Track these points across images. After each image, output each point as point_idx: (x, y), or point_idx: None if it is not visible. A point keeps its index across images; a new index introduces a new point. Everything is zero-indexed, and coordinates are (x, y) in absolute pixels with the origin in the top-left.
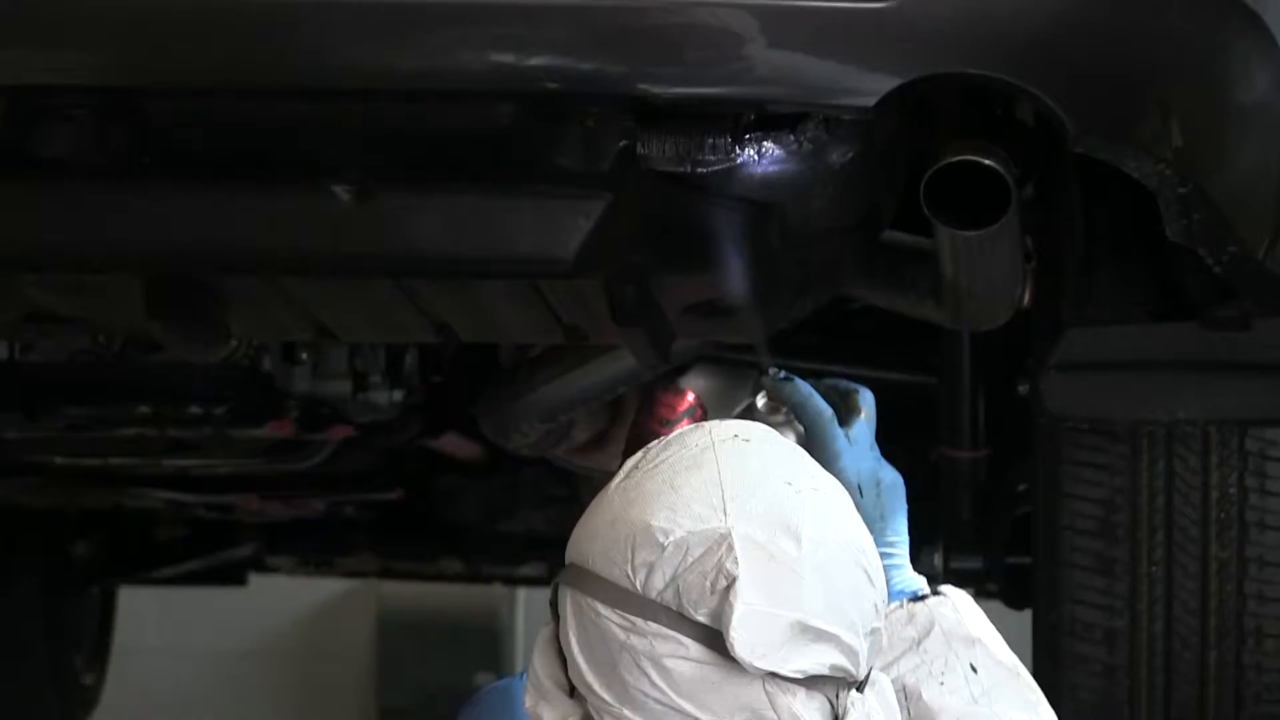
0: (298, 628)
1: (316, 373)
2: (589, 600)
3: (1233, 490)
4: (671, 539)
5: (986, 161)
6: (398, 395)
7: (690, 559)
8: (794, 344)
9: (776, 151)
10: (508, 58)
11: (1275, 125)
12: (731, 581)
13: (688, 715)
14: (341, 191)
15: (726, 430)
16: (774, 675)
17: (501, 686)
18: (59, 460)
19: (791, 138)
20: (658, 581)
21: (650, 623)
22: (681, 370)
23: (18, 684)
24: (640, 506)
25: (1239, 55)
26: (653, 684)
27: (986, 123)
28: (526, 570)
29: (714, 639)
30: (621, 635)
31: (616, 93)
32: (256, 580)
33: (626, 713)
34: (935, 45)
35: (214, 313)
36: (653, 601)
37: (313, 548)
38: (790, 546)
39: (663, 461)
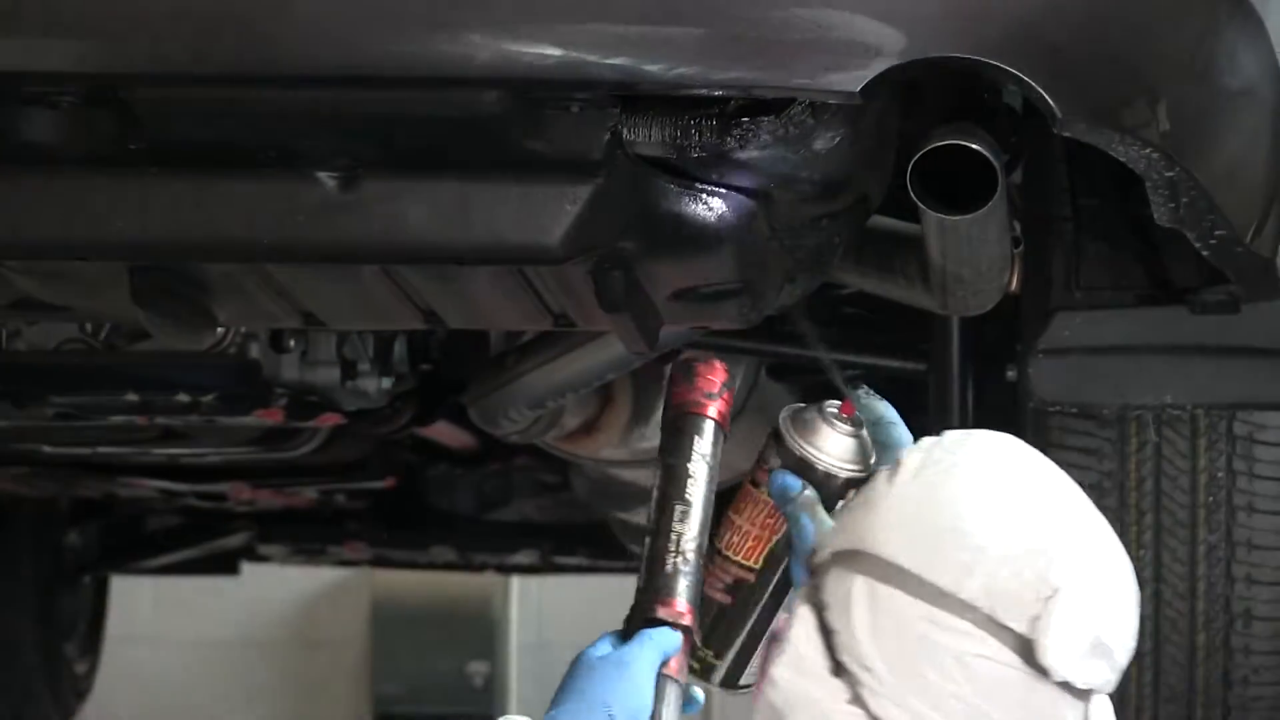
0: (291, 617)
1: (305, 360)
2: (890, 590)
3: (1221, 474)
4: (991, 545)
5: (972, 145)
6: (386, 383)
7: (1010, 567)
8: (783, 331)
9: (763, 137)
10: (493, 44)
11: (1262, 108)
12: (1054, 593)
13: (977, 710)
14: (327, 179)
15: (1011, 441)
16: (1066, 685)
17: None
18: (48, 449)
19: (778, 123)
20: (973, 584)
21: (959, 620)
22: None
23: (10, 673)
24: (952, 508)
25: (1226, 39)
26: (950, 678)
27: (974, 107)
28: (519, 558)
29: (1022, 644)
30: (925, 629)
31: (602, 79)
32: (250, 569)
33: (912, 700)
34: (920, 30)
35: (200, 300)
36: (964, 601)
37: (305, 537)
38: (1103, 566)
39: (960, 464)
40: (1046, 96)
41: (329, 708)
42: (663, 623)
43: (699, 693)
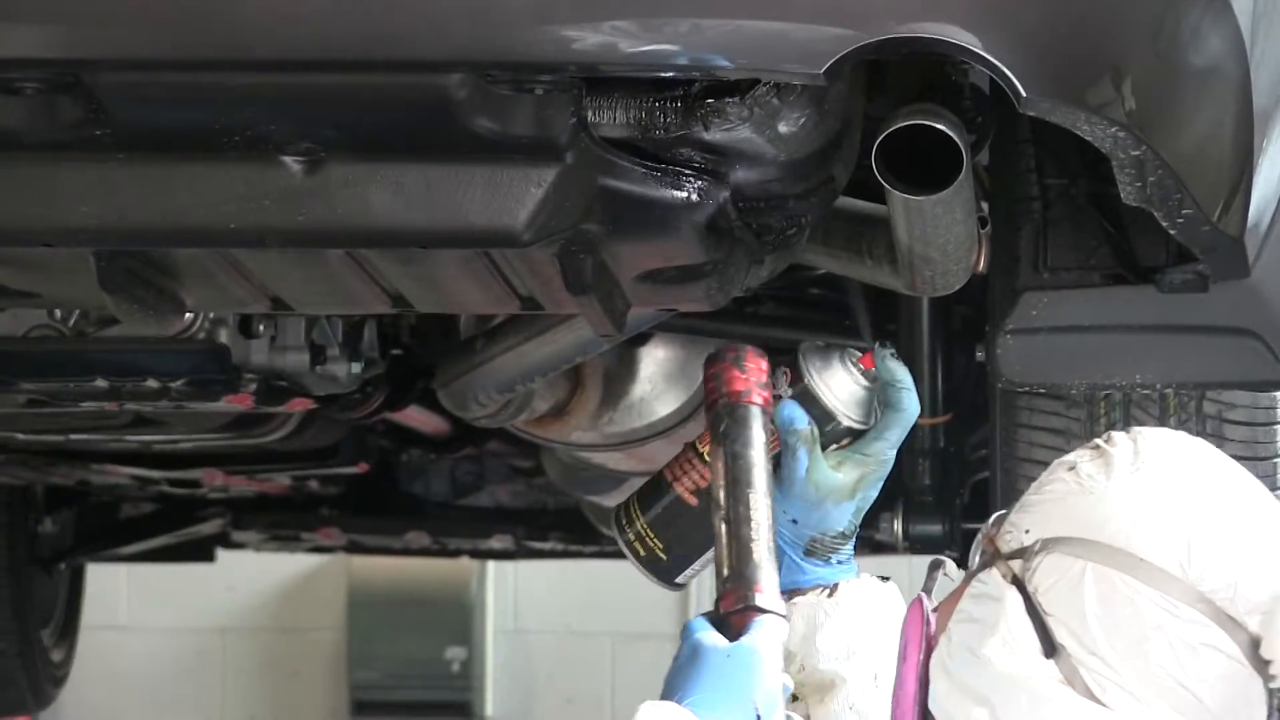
0: (268, 604)
1: (274, 346)
2: (1127, 578)
3: None
4: (1228, 541)
5: (937, 125)
6: (356, 368)
7: (1247, 563)
8: (751, 312)
9: (728, 119)
10: (456, 27)
11: (1228, 86)
12: None
13: (1195, 698)
14: (291, 163)
15: (1204, 443)
16: (1273, 684)
17: None
18: (20, 437)
19: (742, 105)
20: (1214, 579)
21: (1195, 611)
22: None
23: None
24: (1187, 502)
25: (1191, 15)
26: (1181, 666)
27: (939, 87)
28: (493, 544)
29: (1249, 640)
30: (1160, 617)
31: (565, 61)
32: (226, 557)
33: (1138, 685)
34: (883, 10)
35: (167, 286)
36: (1202, 594)
37: (279, 523)
38: None
39: (1179, 460)
40: (1010, 75)
41: (306, 694)
42: (763, 610)
43: (790, 682)
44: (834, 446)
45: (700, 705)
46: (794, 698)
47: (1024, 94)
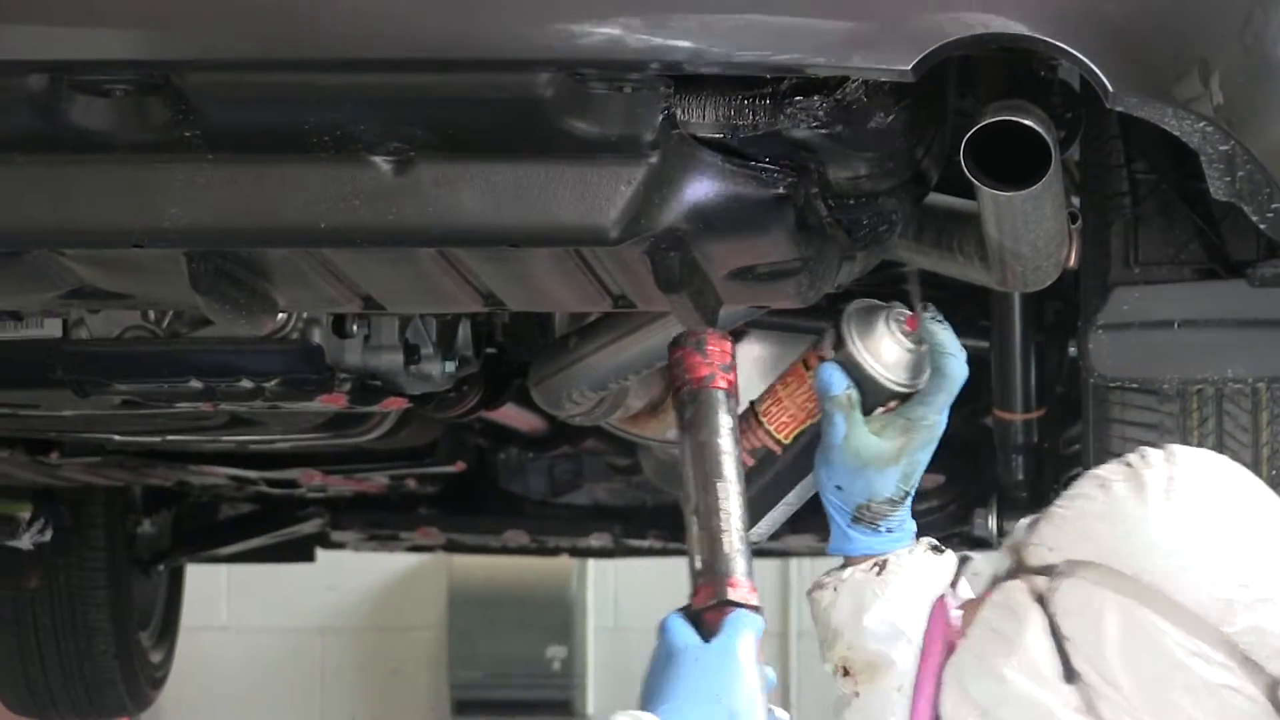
0: (368, 603)
1: (367, 345)
2: (1150, 614)
3: None
4: (1255, 583)
5: (1025, 121)
6: (450, 367)
7: (1272, 607)
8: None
9: (816, 116)
10: (546, 26)
11: None
12: None
13: None
14: (381, 163)
15: (1240, 468)
16: None
17: None
18: (117, 438)
19: (831, 102)
20: (1238, 622)
21: (1217, 653)
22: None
23: (85, 663)
24: (1215, 540)
25: (1277, 9)
26: (1201, 706)
27: (1028, 83)
28: (592, 541)
29: (1269, 684)
30: (1182, 656)
31: (655, 60)
32: (326, 557)
33: (1148, 718)
34: (972, 7)
35: (259, 286)
36: (1225, 636)
37: (377, 523)
38: None
39: (1211, 491)
40: (1098, 72)
41: (407, 694)
42: (737, 605)
43: (773, 674)
44: (880, 410)
45: (676, 714)
46: (845, 672)
47: (1111, 90)
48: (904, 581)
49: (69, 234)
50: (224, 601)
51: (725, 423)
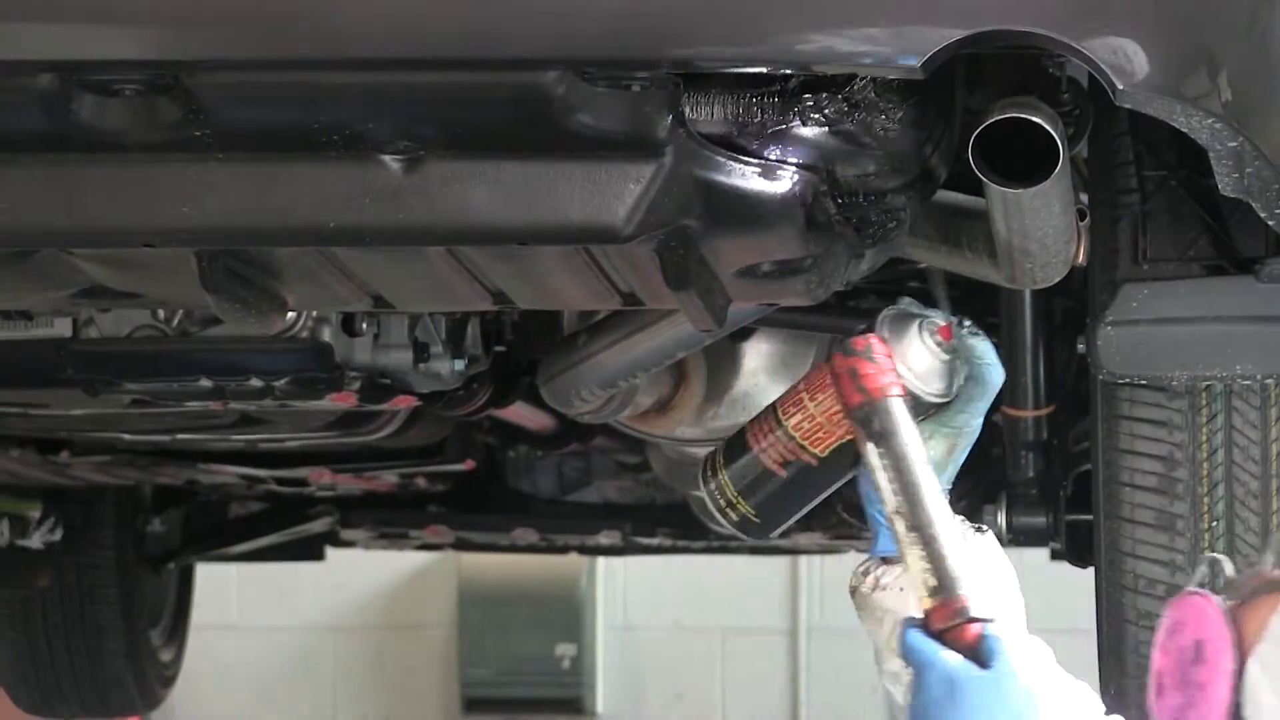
0: (378, 602)
1: (377, 344)
2: None
3: None
4: None
5: (1033, 118)
6: (460, 365)
7: None
8: (852, 306)
9: (825, 114)
10: (553, 24)
11: None
12: None
13: None
14: (391, 162)
15: None
16: None
17: None
18: (127, 437)
19: (840, 100)
20: None
21: None
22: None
23: (95, 661)
24: None
25: None
26: None
27: (1036, 80)
28: (601, 539)
29: None
30: None
31: (663, 58)
32: (336, 555)
33: None
34: (981, 5)
35: (269, 285)
36: None
37: (387, 521)
38: None
39: None
40: (1106, 69)
41: (417, 692)
42: (984, 620)
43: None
44: (920, 419)
45: None
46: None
47: (1120, 86)
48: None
49: (79, 233)
50: (234, 600)
51: (914, 431)
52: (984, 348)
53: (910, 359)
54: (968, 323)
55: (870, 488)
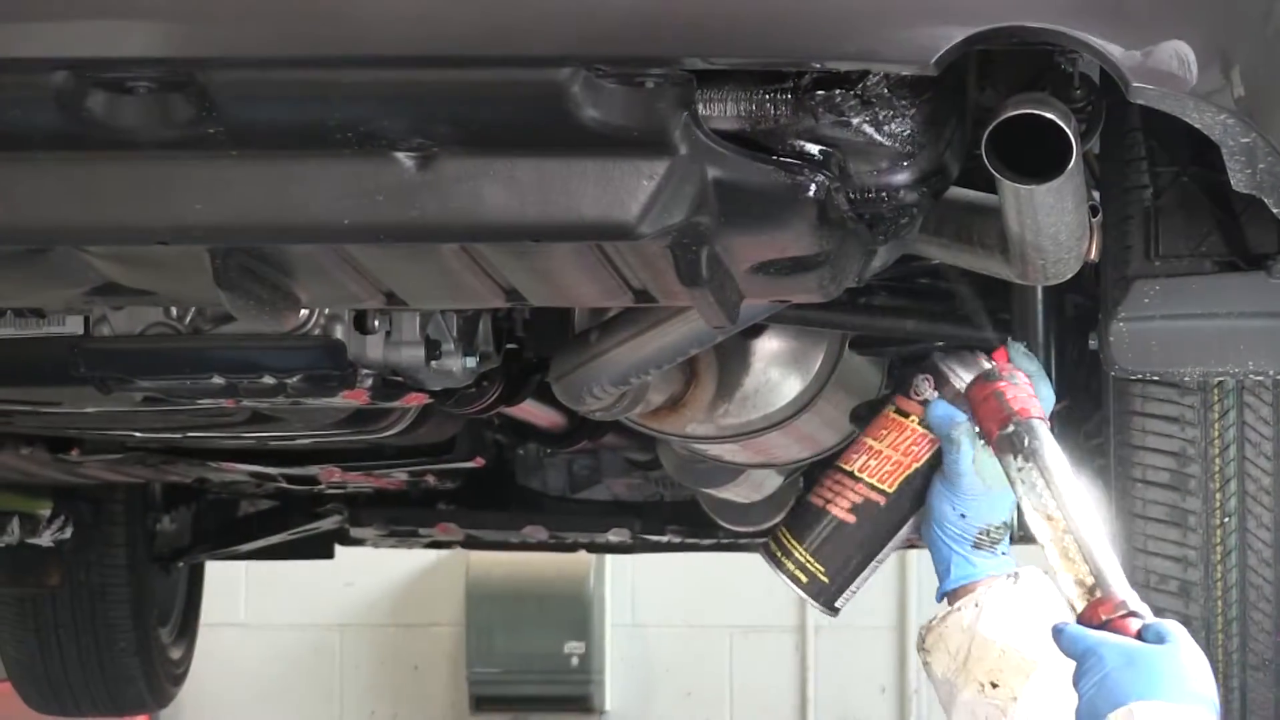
0: (387, 600)
1: (389, 341)
2: None
3: None
4: None
5: (1046, 114)
6: (471, 362)
7: None
8: (864, 303)
9: (838, 110)
10: (566, 21)
11: None
12: None
13: None
14: (404, 159)
15: None
16: None
17: None
18: (138, 435)
19: (853, 96)
20: None
21: None
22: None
23: (105, 659)
24: None
25: None
26: None
27: (1049, 76)
28: (610, 537)
29: None
30: None
31: (676, 55)
32: (344, 553)
33: None
34: (991, 1)
35: (282, 282)
36: None
37: (396, 519)
38: None
39: None
40: (1119, 64)
41: (426, 689)
42: (1139, 615)
43: None
44: (981, 443)
45: (1180, 700)
46: (993, 685)
47: (1132, 82)
48: (1041, 587)
49: (93, 231)
50: (243, 598)
51: (1055, 443)
52: (1037, 366)
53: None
54: (1020, 345)
55: (939, 521)
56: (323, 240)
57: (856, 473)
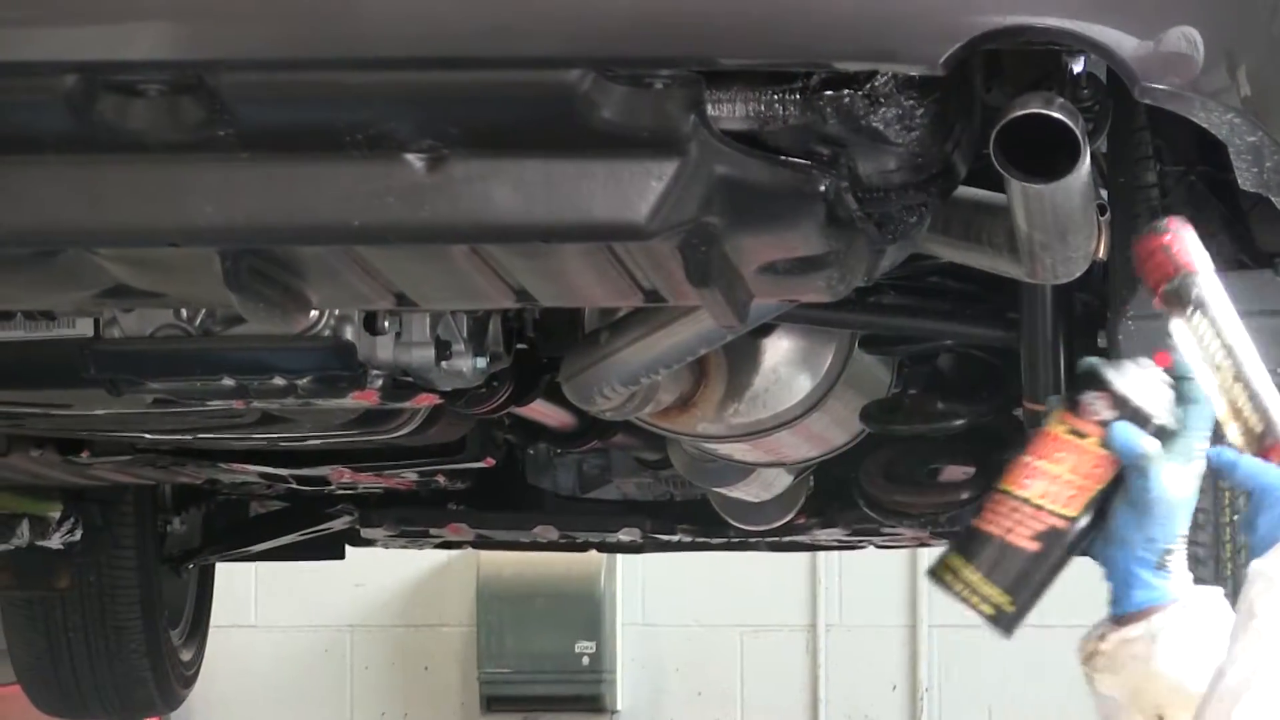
0: (397, 600)
1: (399, 342)
2: None
3: None
4: None
5: (1054, 114)
6: (481, 363)
7: None
8: (873, 302)
9: (846, 111)
10: (576, 22)
11: None
12: None
13: None
14: (414, 160)
15: None
16: None
17: None
18: (148, 436)
19: (862, 97)
20: None
21: None
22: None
23: (115, 661)
24: None
25: None
26: None
27: (1056, 75)
28: (621, 536)
29: None
30: None
31: (686, 55)
32: (355, 554)
33: None
34: (998, 1)
35: (292, 284)
36: None
37: (407, 519)
38: None
39: None
40: (1126, 63)
41: (437, 690)
42: None
43: None
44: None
45: None
46: (1159, 718)
47: (1140, 81)
48: (1212, 614)
49: (104, 233)
50: (253, 600)
51: (1225, 298)
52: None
53: (1152, 397)
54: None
55: (1123, 545)
56: (333, 242)
57: (1038, 501)
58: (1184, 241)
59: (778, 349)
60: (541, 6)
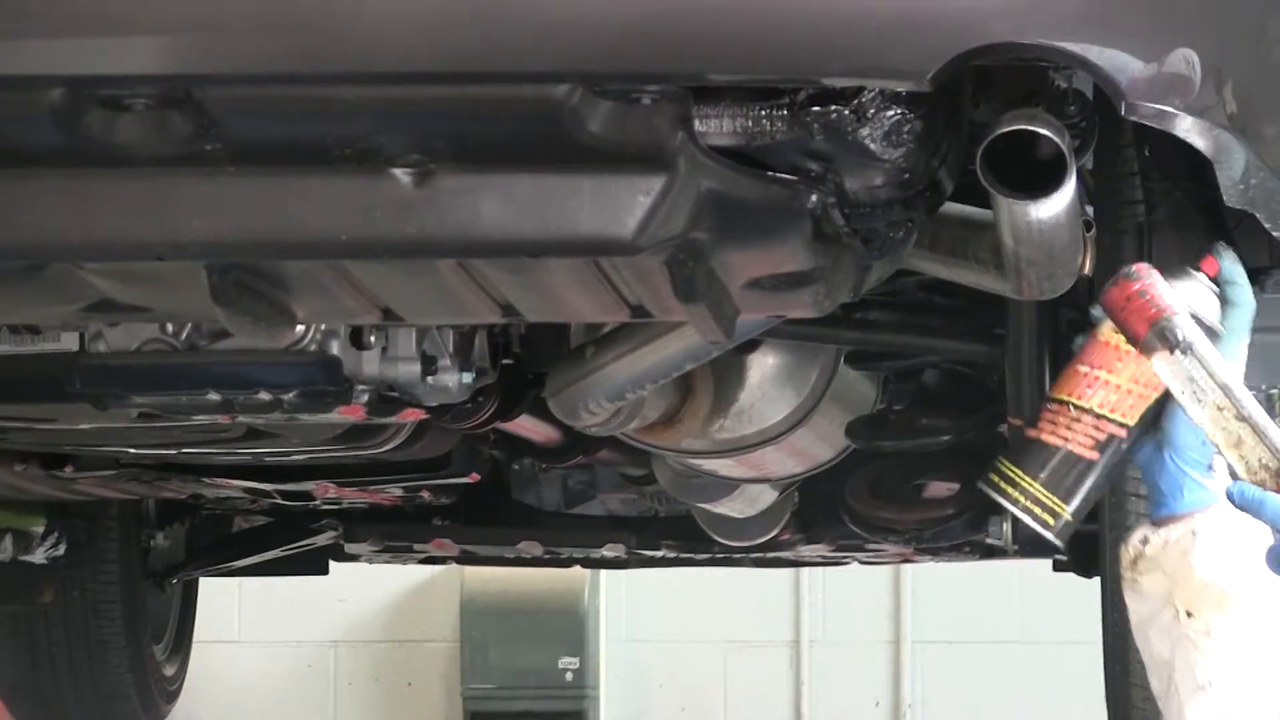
0: (381, 616)
1: (385, 357)
2: None
3: None
4: None
5: (1041, 130)
6: (467, 378)
7: None
8: (859, 318)
9: (834, 126)
10: (563, 38)
11: None
12: None
13: None
14: (402, 175)
15: None
16: None
17: None
18: (132, 451)
19: (849, 112)
20: None
21: None
22: None
23: (98, 676)
24: None
25: None
26: None
27: (1043, 92)
28: (605, 552)
29: None
30: None
31: (673, 71)
32: (338, 569)
33: None
34: (988, 16)
35: (279, 298)
36: None
37: (391, 534)
38: None
39: None
40: (1112, 80)
41: (420, 706)
42: None
43: None
44: None
45: None
46: (1188, 614)
47: (1126, 98)
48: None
49: (90, 247)
50: (237, 615)
51: (1203, 335)
52: (1239, 271)
53: (1197, 304)
54: (1222, 248)
55: (1178, 447)
56: (320, 256)
57: (1098, 410)
58: (1159, 285)
59: (763, 365)
60: (529, 22)
